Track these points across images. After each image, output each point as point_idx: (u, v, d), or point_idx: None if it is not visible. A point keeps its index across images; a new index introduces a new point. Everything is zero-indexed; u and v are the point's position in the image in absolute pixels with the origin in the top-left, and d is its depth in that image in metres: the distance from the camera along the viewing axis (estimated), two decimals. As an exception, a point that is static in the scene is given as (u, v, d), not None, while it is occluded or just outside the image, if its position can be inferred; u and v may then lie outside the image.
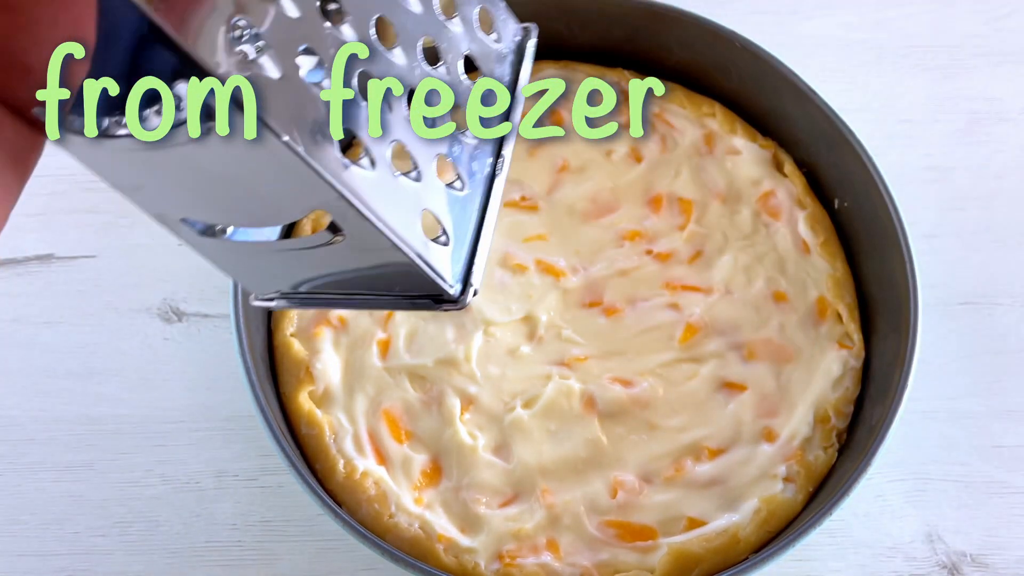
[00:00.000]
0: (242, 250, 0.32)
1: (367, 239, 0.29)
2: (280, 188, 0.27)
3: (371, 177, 0.28)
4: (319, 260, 0.31)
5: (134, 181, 0.29)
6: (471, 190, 0.33)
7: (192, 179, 0.28)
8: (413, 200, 0.30)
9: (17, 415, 0.65)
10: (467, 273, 0.32)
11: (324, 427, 0.58)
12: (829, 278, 0.63)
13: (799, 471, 0.57)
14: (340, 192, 0.27)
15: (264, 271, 0.34)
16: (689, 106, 0.70)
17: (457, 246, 0.32)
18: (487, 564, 0.54)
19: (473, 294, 0.32)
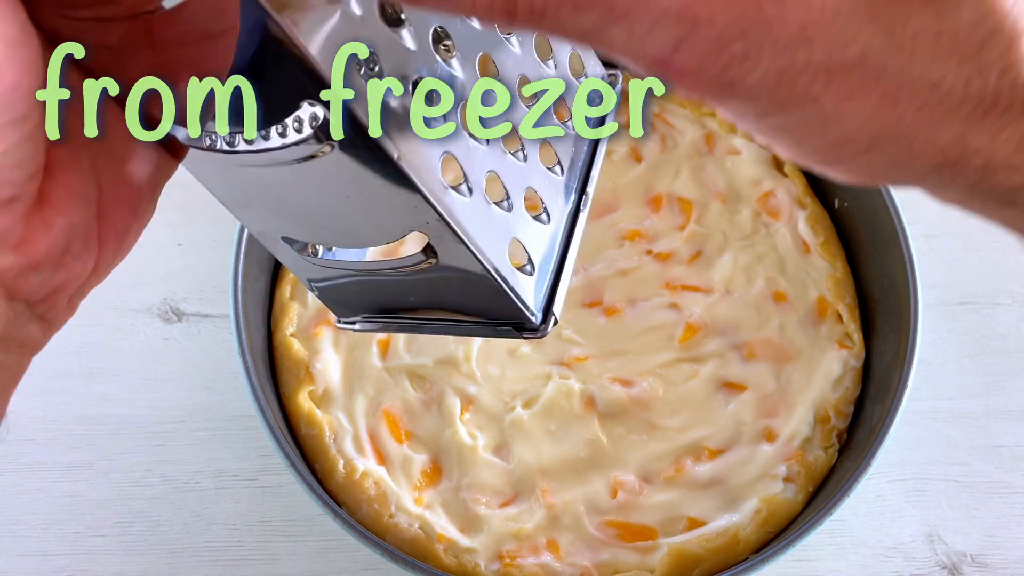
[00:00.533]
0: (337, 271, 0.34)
1: (460, 263, 0.30)
2: (384, 209, 0.28)
3: (468, 203, 0.29)
4: (411, 282, 0.33)
5: (242, 199, 0.31)
6: (555, 223, 0.34)
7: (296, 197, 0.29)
8: (503, 228, 0.31)
9: (17, 415, 0.65)
10: (548, 303, 0.33)
11: (324, 427, 0.58)
12: (829, 278, 0.63)
13: (799, 471, 0.57)
14: (441, 214, 0.28)
15: (351, 292, 0.35)
16: (689, 106, 0.70)
17: (540, 276, 0.33)
18: (487, 564, 0.54)
19: (554, 323, 0.33)
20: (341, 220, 0.30)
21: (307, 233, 0.32)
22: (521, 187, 0.32)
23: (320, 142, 0.25)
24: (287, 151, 0.26)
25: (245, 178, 0.29)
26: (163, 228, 0.71)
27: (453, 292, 0.33)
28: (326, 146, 0.26)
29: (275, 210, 0.31)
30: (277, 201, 0.30)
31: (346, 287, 0.35)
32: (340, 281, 0.34)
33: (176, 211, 0.71)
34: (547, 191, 0.34)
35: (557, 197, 0.34)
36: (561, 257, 0.34)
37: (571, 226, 0.35)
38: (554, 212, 0.34)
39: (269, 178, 0.28)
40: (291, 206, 0.30)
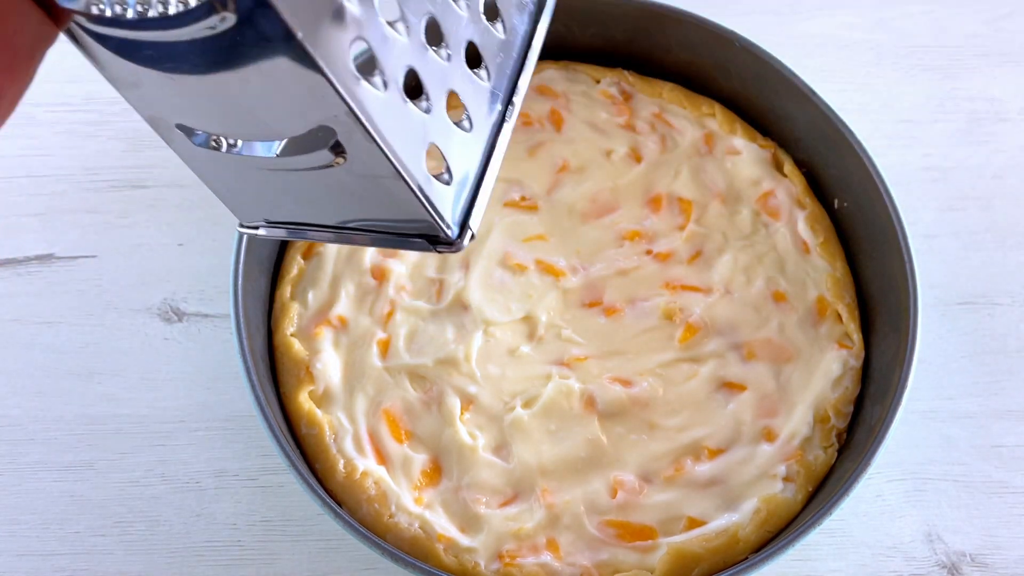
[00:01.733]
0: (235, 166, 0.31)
1: (370, 164, 0.28)
2: (286, 98, 0.26)
3: (382, 97, 0.27)
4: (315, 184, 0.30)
5: (131, 77, 0.27)
6: (478, 132, 0.32)
7: (194, 81, 0.26)
8: (420, 131, 0.29)
9: (17, 415, 0.65)
10: (466, 217, 0.31)
11: (324, 427, 0.58)
12: (829, 278, 0.64)
13: (799, 471, 0.58)
14: (350, 106, 0.26)
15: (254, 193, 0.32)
16: (689, 106, 0.70)
17: (458, 187, 0.31)
18: (487, 564, 0.54)
19: (470, 238, 0.31)
20: (240, 109, 0.27)
21: (203, 121, 0.29)
22: (443, 88, 0.30)
23: (214, 11, 0.23)
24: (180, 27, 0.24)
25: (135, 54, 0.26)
26: (163, 228, 0.71)
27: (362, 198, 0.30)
28: (220, 16, 0.23)
29: (168, 93, 0.28)
30: (170, 83, 0.27)
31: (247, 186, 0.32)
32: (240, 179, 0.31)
33: (176, 211, 0.72)
34: (471, 96, 0.31)
35: (482, 104, 0.32)
36: (482, 169, 0.32)
37: (495, 137, 0.32)
38: (477, 119, 0.31)
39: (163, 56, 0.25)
40: (185, 89, 0.27)
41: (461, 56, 0.30)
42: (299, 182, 0.30)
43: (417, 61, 0.28)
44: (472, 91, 0.31)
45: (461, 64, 0.30)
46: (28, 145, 0.74)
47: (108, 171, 0.73)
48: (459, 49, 0.30)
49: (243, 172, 0.31)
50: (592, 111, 0.70)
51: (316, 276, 0.63)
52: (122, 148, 0.74)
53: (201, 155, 0.30)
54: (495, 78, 0.32)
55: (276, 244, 0.65)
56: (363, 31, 0.26)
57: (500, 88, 0.32)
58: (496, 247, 0.65)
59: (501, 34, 0.33)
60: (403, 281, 0.64)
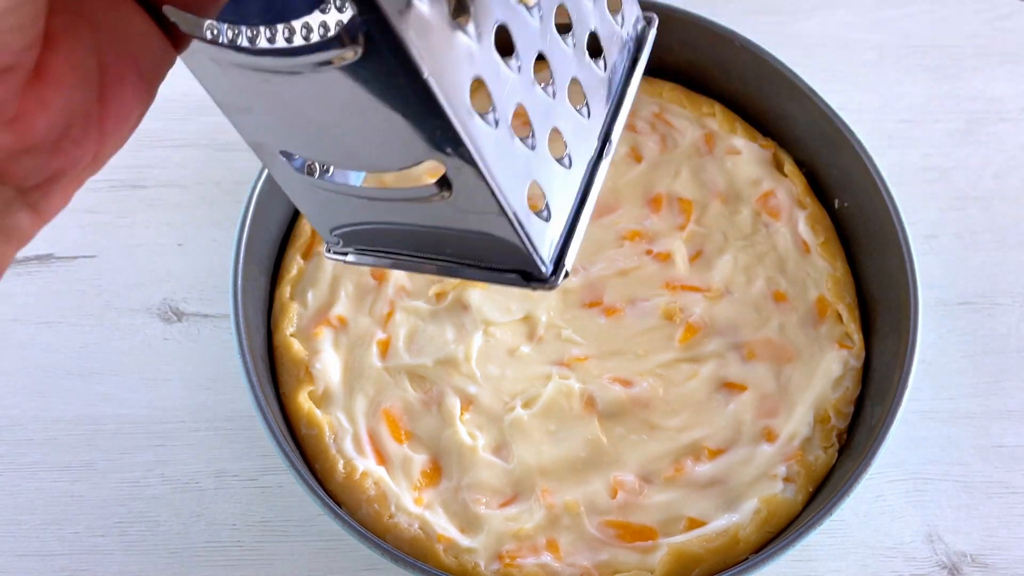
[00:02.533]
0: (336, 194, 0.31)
1: (476, 199, 0.28)
2: (402, 131, 0.26)
3: (493, 134, 0.27)
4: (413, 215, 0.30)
5: (244, 103, 0.28)
6: (576, 169, 0.32)
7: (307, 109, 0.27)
8: (525, 168, 0.29)
9: (17, 415, 0.65)
10: (560, 254, 0.31)
11: (324, 427, 0.58)
12: (829, 278, 0.63)
13: (799, 471, 0.57)
14: (466, 143, 0.26)
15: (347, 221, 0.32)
16: (689, 106, 0.70)
17: (555, 224, 0.31)
18: (487, 564, 0.54)
19: (564, 276, 0.31)
20: (351, 138, 0.27)
21: (311, 149, 0.29)
22: (547, 125, 0.30)
23: (344, 46, 0.23)
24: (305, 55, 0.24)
25: (251, 81, 0.26)
26: (163, 228, 0.71)
27: (460, 231, 0.30)
28: (350, 51, 0.23)
29: (279, 120, 0.28)
30: (283, 110, 0.27)
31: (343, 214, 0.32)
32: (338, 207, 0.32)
33: (176, 211, 0.72)
34: (572, 133, 0.31)
35: (581, 141, 0.32)
36: (578, 206, 0.32)
37: (591, 174, 0.32)
38: (576, 156, 0.32)
39: (279, 83, 0.26)
40: (298, 117, 0.27)
41: (565, 93, 0.31)
42: (397, 212, 0.30)
43: (526, 98, 0.29)
44: (573, 128, 0.31)
45: (565, 101, 0.31)
46: (28, 145, 0.74)
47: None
48: (563, 86, 0.30)
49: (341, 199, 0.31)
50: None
51: (316, 276, 0.63)
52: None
53: (301, 181, 0.30)
54: (595, 115, 0.33)
55: (276, 244, 0.65)
56: (480, 69, 0.26)
57: (597, 125, 0.33)
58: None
59: (602, 72, 0.33)
60: (403, 281, 0.63)
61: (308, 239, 0.64)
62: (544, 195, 0.30)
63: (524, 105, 0.29)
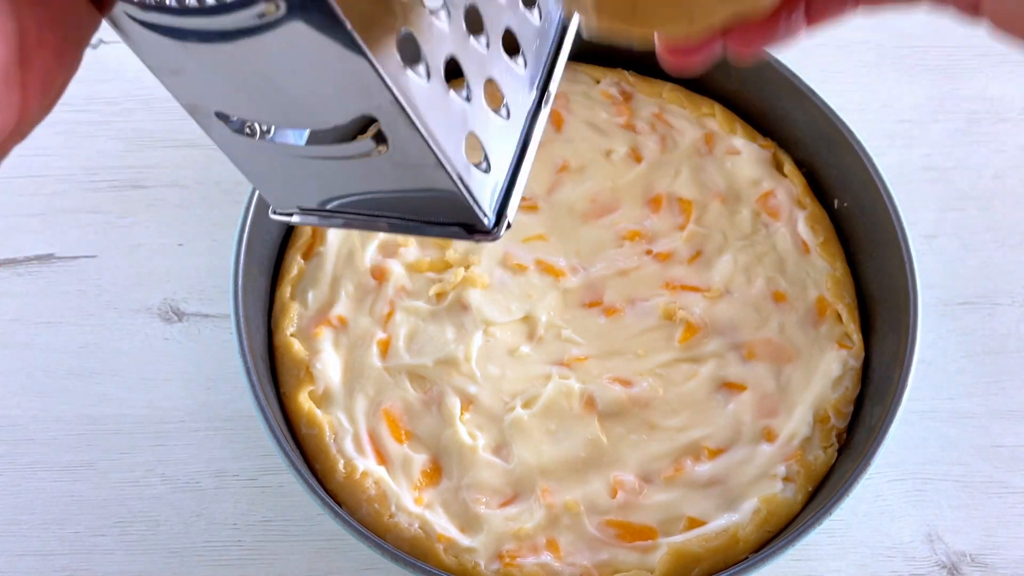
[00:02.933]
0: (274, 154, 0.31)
1: (412, 153, 0.28)
2: (332, 86, 0.26)
3: (425, 87, 0.27)
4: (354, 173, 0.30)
5: (174, 64, 0.27)
6: (515, 120, 0.32)
7: (238, 68, 0.26)
8: (461, 120, 0.29)
9: (17, 415, 0.65)
10: (502, 206, 0.31)
11: (324, 427, 0.58)
12: (829, 278, 0.64)
13: (799, 471, 0.58)
14: (396, 96, 0.26)
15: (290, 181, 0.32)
16: (689, 106, 0.70)
17: (495, 175, 0.31)
18: (487, 564, 0.54)
19: (507, 227, 0.31)
20: (285, 97, 0.27)
21: (246, 109, 0.29)
22: (482, 76, 0.30)
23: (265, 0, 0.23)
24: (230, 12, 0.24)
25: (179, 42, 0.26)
26: (163, 228, 0.71)
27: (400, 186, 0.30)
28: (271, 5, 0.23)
29: (210, 81, 0.28)
30: (213, 71, 0.27)
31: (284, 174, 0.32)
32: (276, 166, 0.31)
33: (176, 211, 0.72)
34: (509, 84, 0.31)
35: (519, 92, 0.32)
36: (519, 157, 0.32)
37: (530, 125, 0.32)
38: (514, 108, 0.32)
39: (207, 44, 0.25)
40: (229, 77, 0.27)
41: (499, 44, 0.30)
42: (336, 170, 0.30)
43: (459, 49, 0.28)
44: (510, 79, 0.31)
45: (499, 52, 0.30)
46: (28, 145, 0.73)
47: (108, 171, 0.73)
48: (497, 37, 0.30)
49: (280, 160, 0.31)
50: (592, 111, 0.70)
51: (316, 276, 0.63)
52: (122, 148, 0.74)
53: (239, 143, 0.30)
54: (531, 66, 0.32)
55: (276, 244, 0.65)
56: (408, 20, 0.26)
57: (535, 76, 0.32)
58: (496, 247, 0.65)
59: (537, 21, 0.32)
60: (403, 281, 0.64)
61: (308, 239, 0.64)
62: (483, 147, 0.30)
63: (456, 56, 0.28)
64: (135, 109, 0.75)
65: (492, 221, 0.31)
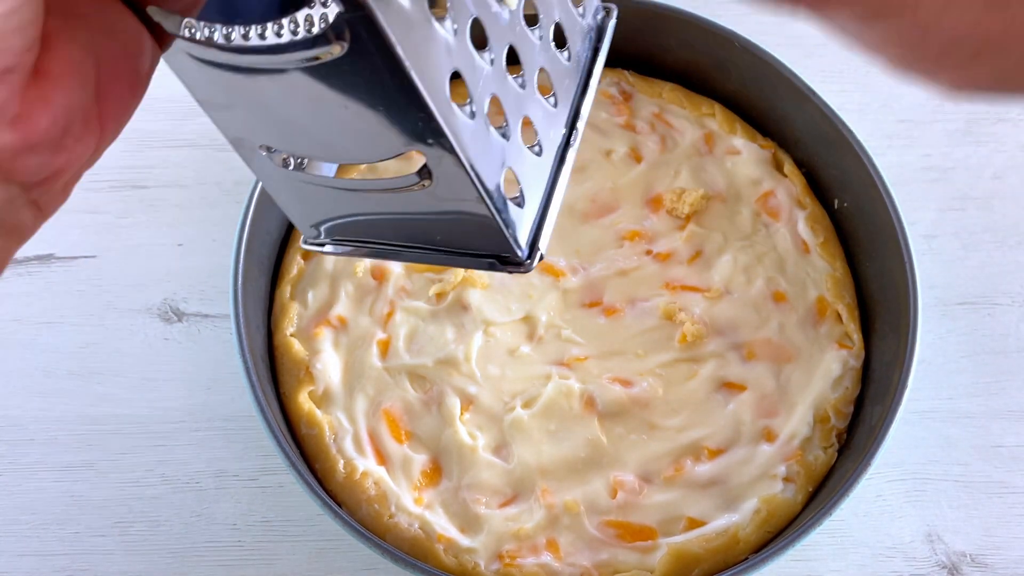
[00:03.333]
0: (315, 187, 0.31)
1: (456, 187, 0.29)
2: (384, 123, 0.27)
3: (472, 125, 0.28)
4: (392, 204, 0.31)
5: (225, 100, 0.28)
6: (547, 156, 0.33)
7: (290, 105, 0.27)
8: (500, 156, 0.30)
9: (17, 415, 0.65)
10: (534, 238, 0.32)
11: (324, 427, 0.58)
12: (829, 278, 0.64)
13: (799, 471, 0.58)
14: (447, 134, 0.27)
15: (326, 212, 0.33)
16: (689, 106, 0.70)
17: (528, 209, 0.32)
18: (487, 564, 0.54)
19: (539, 259, 0.32)
20: (333, 132, 0.28)
21: (293, 144, 0.30)
22: (519, 114, 0.31)
23: (329, 43, 0.24)
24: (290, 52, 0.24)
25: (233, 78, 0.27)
26: (163, 228, 0.71)
27: (438, 219, 0.31)
28: (336, 47, 0.24)
29: (260, 116, 0.29)
30: (264, 107, 0.28)
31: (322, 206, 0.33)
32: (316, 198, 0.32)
33: (176, 211, 0.72)
34: (542, 121, 0.33)
35: (550, 128, 0.33)
36: (549, 191, 0.33)
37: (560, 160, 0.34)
38: (546, 144, 0.33)
39: (260, 81, 0.26)
40: (279, 113, 0.28)
41: (535, 83, 0.32)
42: (376, 202, 0.31)
43: (499, 89, 0.30)
44: (543, 116, 0.33)
45: (535, 91, 0.32)
46: (28, 145, 0.74)
47: (108, 171, 0.73)
48: (533, 76, 0.32)
49: (320, 191, 0.32)
50: (592, 111, 0.70)
51: (316, 276, 0.63)
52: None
53: (279, 175, 0.31)
54: (561, 104, 0.34)
55: (276, 244, 0.65)
56: (457, 62, 0.27)
57: (564, 113, 0.34)
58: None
59: (566, 61, 0.34)
60: (403, 281, 0.64)
61: (308, 239, 0.64)
62: (518, 182, 0.31)
63: (498, 95, 0.30)
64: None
65: (526, 253, 0.32)
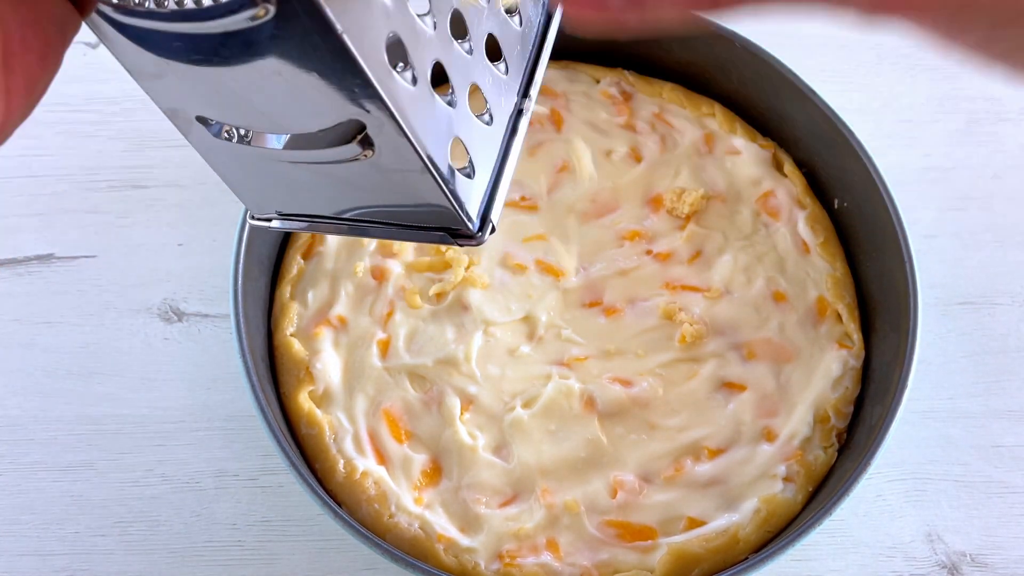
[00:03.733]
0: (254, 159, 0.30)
1: (399, 158, 0.28)
2: (319, 91, 0.26)
3: (412, 92, 0.27)
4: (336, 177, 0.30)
5: (156, 68, 0.27)
6: (497, 125, 0.32)
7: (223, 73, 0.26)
8: (446, 125, 0.29)
9: (17, 415, 0.65)
10: (486, 210, 0.31)
11: (324, 427, 0.58)
12: (829, 278, 0.64)
13: (799, 471, 0.58)
14: (385, 100, 0.26)
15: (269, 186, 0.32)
16: (689, 106, 0.70)
17: (479, 180, 0.31)
18: (487, 564, 0.54)
19: (491, 231, 0.31)
20: (268, 101, 0.27)
21: (228, 114, 0.28)
22: (467, 82, 0.30)
23: (255, 5, 0.23)
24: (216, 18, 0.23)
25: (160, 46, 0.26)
26: (163, 228, 0.71)
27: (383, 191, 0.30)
28: (260, 9, 0.23)
29: (192, 86, 0.27)
30: (195, 75, 0.26)
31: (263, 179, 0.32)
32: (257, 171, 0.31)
33: (176, 211, 0.72)
34: (491, 89, 0.31)
35: (501, 97, 0.32)
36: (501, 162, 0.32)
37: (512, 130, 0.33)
38: (497, 112, 0.32)
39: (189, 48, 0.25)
40: (211, 82, 0.27)
41: (482, 49, 0.30)
42: (319, 175, 0.30)
43: (444, 54, 0.28)
44: (492, 84, 0.31)
45: (483, 57, 0.31)
46: (28, 145, 0.74)
47: (108, 171, 0.73)
48: (480, 42, 0.30)
49: (260, 164, 0.31)
50: (592, 111, 0.70)
51: (316, 276, 0.63)
52: (122, 148, 0.74)
53: (220, 147, 0.30)
54: (512, 71, 0.33)
55: (276, 244, 0.65)
56: (396, 25, 0.26)
57: (516, 81, 0.33)
58: (496, 247, 0.65)
59: (518, 26, 0.33)
60: (403, 281, 0.64)
61: (308, 239, 0.64)
62: (467, 152, 0.30)
63: (442, 61, 0.28)
64: (135, 109, 0.75)
65: (476, 226, 0.31)
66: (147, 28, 0.25)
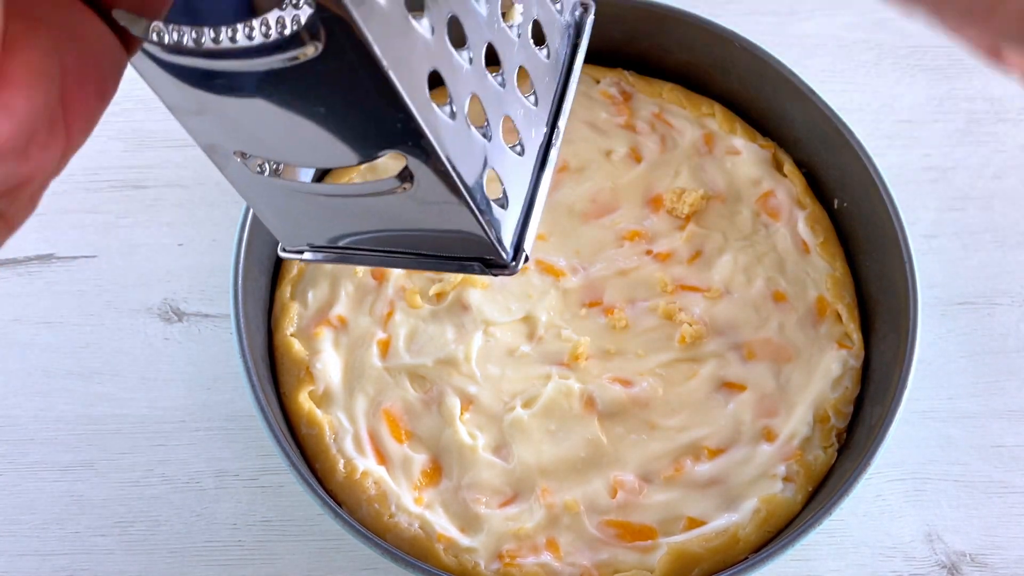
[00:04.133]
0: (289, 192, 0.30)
1: (438, 190, 0.28)
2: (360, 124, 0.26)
3: (452, 125, 0.27)
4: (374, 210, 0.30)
5: (196, 106, 0.27)
6: (529, 156, 0.32)
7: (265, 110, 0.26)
8: (482, 157, 0.29)
9: (17, 415, 0.65)
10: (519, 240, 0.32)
11: (324, 427, 0.58)
12: (828, 278, 0.64)
13: (799, 471, 0.58)
14: (427, 135, 0.26)
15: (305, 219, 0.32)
16: (689, 106, 0.70)
17: (512, 211, 0.31)
18: (487, 564, 0.54)
19: (524, 260, 0.32)
20: (309, 135, 0.27)
21: (268, 149, 0.29)
22: (500, 114, 0.30)
23: (303, 44, 0.23)
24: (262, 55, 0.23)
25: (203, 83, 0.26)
26: (163, 228, 0.71)
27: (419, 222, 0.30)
28: (310, 48, 0.23)
29: (233, 122, 0.27)
30: (237, 111, 0.27)
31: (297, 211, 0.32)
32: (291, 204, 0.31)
33: (176, 211, 0.72)
34: (523, 120, 0.32)
35: (531, 128, 0.32)
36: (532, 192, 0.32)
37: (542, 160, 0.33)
38: (528, 143, 0.32)
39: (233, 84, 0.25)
40: (253, 118, 0.27)
41: (514, 82, 0.31)
42: (355, 207, 0.31)
43: (479, 87, 0.29)
44: (523, 116, 0.32)
45: (514, 89, 0.31)
46: (28, 145, 0.74)
47: (108, 171, 0.73)
48: (512, 75, 0.31)
49: (297, 198, 0.31)
50: (592, 111, 0.70)
51: (316, 276, 0.63)
52: (122, 148, 0.74)
53: (256, 181, 0.30)
54: (542, 102, 0.33)
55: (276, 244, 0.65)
56: (436, 61, 0.26)
57: (545, 112, 0.33)
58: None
59: (545, 58, 0.33)
60: (403, 281, 0.64)
61: (308, 239, 0.64)
62: (501, 182, 0.31)
63: (478, 95, 0.29)
64: (135, 109, 0.75)
65: (511, 255, 0.31)
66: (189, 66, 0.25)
